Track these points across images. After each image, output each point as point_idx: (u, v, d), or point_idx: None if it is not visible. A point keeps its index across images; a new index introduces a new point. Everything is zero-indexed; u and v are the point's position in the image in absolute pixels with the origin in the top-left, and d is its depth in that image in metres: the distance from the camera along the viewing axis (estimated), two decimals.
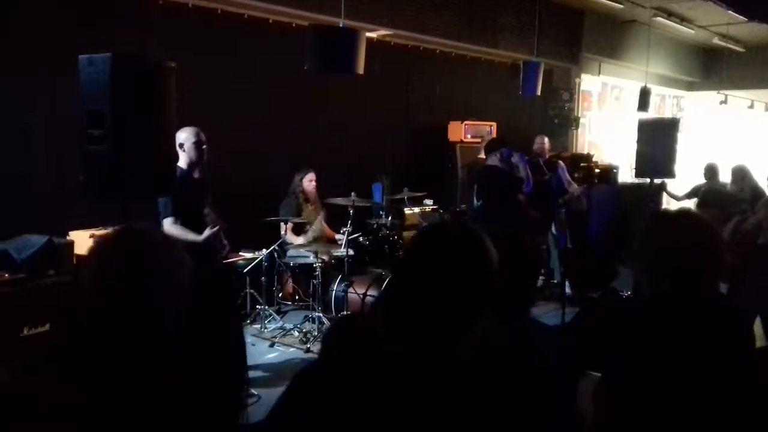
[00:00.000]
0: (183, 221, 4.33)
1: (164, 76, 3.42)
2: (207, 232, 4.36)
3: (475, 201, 6.63)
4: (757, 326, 4.68)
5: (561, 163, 7.86)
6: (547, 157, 7.81)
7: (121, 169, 3.17)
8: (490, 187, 6.34)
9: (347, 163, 7.42)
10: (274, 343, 5.60)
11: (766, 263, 5.31)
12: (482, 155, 7.25)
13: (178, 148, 4.28)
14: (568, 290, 7.41)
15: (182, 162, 4.35)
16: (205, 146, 4.45)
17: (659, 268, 1.93)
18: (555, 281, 7.73)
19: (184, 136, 4.36)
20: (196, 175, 4.48)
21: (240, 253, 5.97)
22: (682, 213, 2.23)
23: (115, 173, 3.18)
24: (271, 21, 6.62)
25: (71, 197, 3.91)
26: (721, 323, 1.85)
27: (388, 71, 7.81)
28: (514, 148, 6.47)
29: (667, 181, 7.79)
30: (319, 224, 6.49)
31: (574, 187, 7.63)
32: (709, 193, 7.69)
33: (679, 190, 8.81)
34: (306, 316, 5.89)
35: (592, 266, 7.74)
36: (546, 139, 7.93)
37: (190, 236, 4.32)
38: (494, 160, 6.35)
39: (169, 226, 4.30)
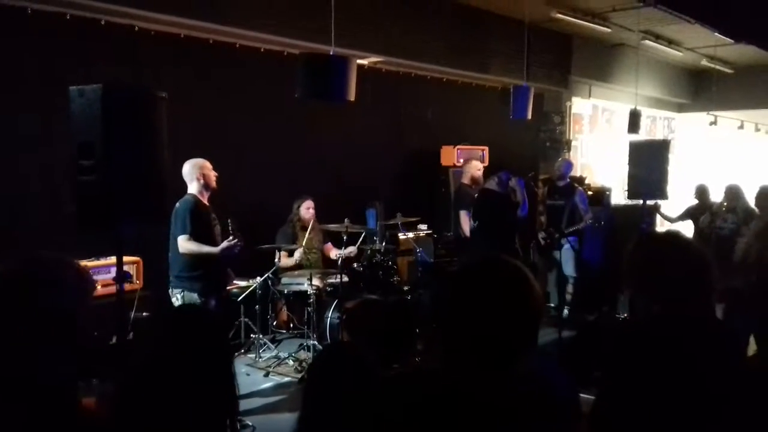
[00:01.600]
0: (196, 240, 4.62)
1: (155, 106, 3.43)
2: (225, 244, 4.57)
3: (471, 223, 6.66)
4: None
5: (580, 189, 7.84)
6: (567, 181, 7.78)
7: (113, 199, 3.17)
8: (486, 210, 6.36)
9: (341, 189, 7.43)
10: (268, 372, 5.55)
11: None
12: (465, 180, 7.30)
13: (188, 177, 4.75)
14: (566, 313, 7.40)
15: (193, 189, 4.75)
16: (213, 173, 4.81)
17: (647, 292, 1.92)
18: (552, 304, 7.71)
19: (196, 167, 4.75)
20: (206, 201, 4.82)
21: (234, 282, 5.95)
22: (669, 235, 2.22)
23: (106, 203, 3.18)
24: (262, 50, 6.67)
25: (65, 228, 3.92)
26: (710, 347, 1.84)
27: (380, 97, 7.86)
28: (512, 172, 6.51)
29: (660, 202, 7.81)
30: (314, 248, 6.50)
31: (588, 216, 7.56)
32: None
33: (672, 211, 8.84)
34: (301, 345, 5.85)
35: (589, 289, 7.73)
36: (566, 162, 7.93)
37: (205, 249, 4.64)
38: (492, 184, 6.39)
39: (184, 242, 4.58)
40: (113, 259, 3.38)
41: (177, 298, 4.65)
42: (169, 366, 1.39)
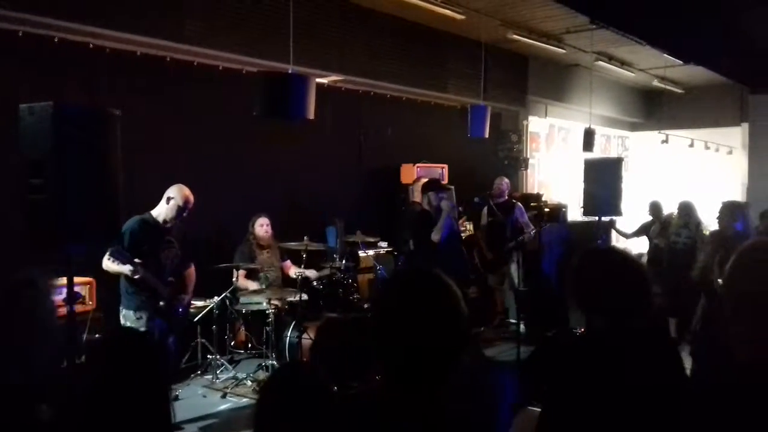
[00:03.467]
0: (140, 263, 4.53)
1: (108, 124, 3.38)
2: (131, 267, 4.42)
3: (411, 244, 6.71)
4: None
5: (519, 204, 7.97)
6: (505, 198, 7.90)
7: (63, 218, 3.11)
8: (418, 231, 6.40)
9: (301, 207, 7.41)
10: (226, 393, 5.46)
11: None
12: (415, 198, 7.36)
13: (165, 198, 4.72)
14: (523, 329, 7.47)
15: (156, 209, 4.70)
16: (186, 213, 4.78)
17: (589, 306, 1.96)
18: (511, 320, 7.78)
19: (179, 195, 4.73)
20: (165, 225, 4.76)
21: (191, 302, 5.85)
22: (609, 251, 2.28)
23: (56, 223, 3.12)
24: (221, 68, 6.64)
25: (15, 247, 3.81)
26: (652, 360, 1.88)
27: (340, 116, 7.89)
28: (445, 192, 6.50)
29: (615, 218, 7.99)
30: (273, 266, 6.46)
31: (530, 228, 7.70)
32: None
33: (627, 228, 9.05)
34: (259, 365, 5.77)
35: (546, 305, 7.82)
36: (504, 181, 8.05)
37: (124, 269, 4.49)
38: (424, 204, 6.46)
39: (104, 259, 4.49)
40: (64, 280, 3.29)
41: (121, 316, 4.63)
42: (99, 394, 1.37)
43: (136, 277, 4.49)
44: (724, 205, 5.95)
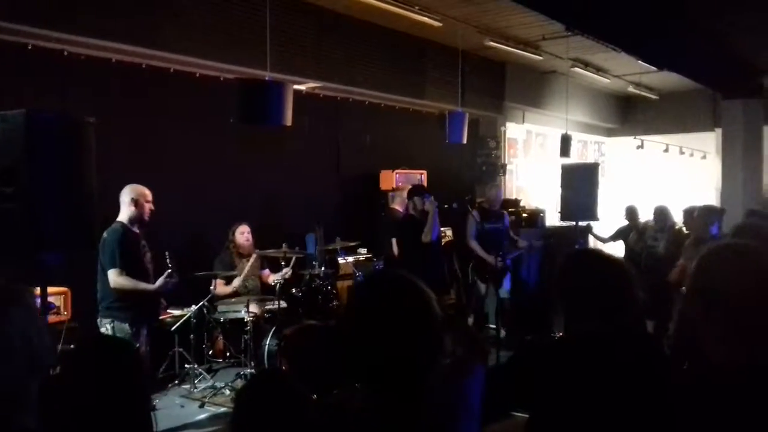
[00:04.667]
0: (127, 273, 4.50)
1: (82, 131, 3.36)
2: (161, 281, 4.47)
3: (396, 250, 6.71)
4: None
5: (506, 213, 7.94)
6: (497, 206, 7.78)
7: (36, 226, 3.07)
8: (408, 235, 6.39)
9: (280, 215, 7.38)
10: (204, 403, 5.40)
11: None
12: (394, 205, 7.37)
13: (125, 202, 4.64)
14: (503, 334, 7.49)
15: (123, 216, 4.62)
16: (149, 205, 4.69)
17: (570, 309, 1.97)
18: (491, 326, 7.80)
19: (136, 193, 4.64)
20: (136, 229, 4.69)
21: (168, 311, 5.80)
22: (592, 252, 2.29)
23: (29, 231, 3.08)
24: (198, 75, 6.60)
25: None
26: (637, 364, 1.88)
27: (319, 123, 7.88)
28: (430, 195, 6.48)
29: (592, 223, 8.06)
30: (252, 275, 6.42)
31: (523, 243, 7.70)
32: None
33: (604, 232, 9.14)
34: (238, 374, 5.72)
35: (526, 310, 7.86)
36: (499, 189, 8.01)
37: (141, 286, 4.55)
38: (410, 209, 6.45)
39: (116, 276, 4.47)
40: (38, 290, 3.24)
41: (107, 328, 4.51)
42: (79, 402, 1.35)
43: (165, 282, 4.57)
44: (699, 209, 6.05)
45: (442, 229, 6.81)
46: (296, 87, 6.69)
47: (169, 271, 4.65)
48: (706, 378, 1.58)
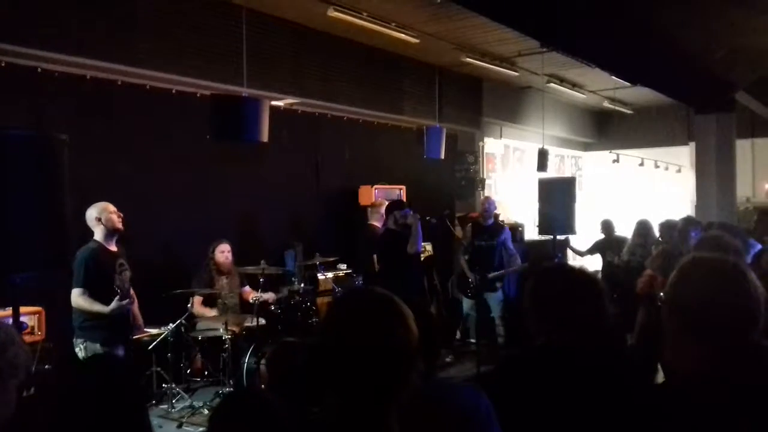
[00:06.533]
0: (93, 293, 4.44)
1: (55, 149, 3.32)
2: (114, 305, 4.39)
3: (377, 265, 6.69)
4: None
5: (507, 227, 7.90)
6: (492, 220, 7.71)
7: (6, 246, 3.02)
8: (389, 250, 6.39)
9: (258, 231, 7.34)
10: (182, 423, 5.32)
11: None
12: (372, 221, 7.36)
13: (92, 223, 4.60)
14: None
15: (98, 235, 4.60)
16: (118, 218, 4.66)
17: (540, 323, 1.98)
18: (471, 340, 7.80)
19: (97, 210, 4.60)
20: (112, 248, 4.66)
21: (145, 330, 5.72)
22: (563, 268, 2.31)
23: None
24: (174, 91, 6.57)
25: None
26: (608, 377, 1.89)
27: (297, 138, 7.87)
28: (409, 209, 6.48)
29: (570, 237, 8.11)
30: (231, 292, 6.37)
31: (517, 262, 7.61)
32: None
33: (582, 246, 9.20)
34: (217, 392, 5.66)
35: (508, 324, 7.86)
36: (491, 201, 7.85)
37: (96, 307, 4.46)
38: (390, 223, 6.44)
39: (77, 296, 4.44)
40: (10, 310, 3.19)
41: (80, 349, 4.45)
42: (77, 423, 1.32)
43: (118, 305, 4.42)
44: (679, 221, 6.13)
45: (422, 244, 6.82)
46: (274, 103, 6.69)
47: (119, 295, 4.55)
48: (676, 388, 1.59)
